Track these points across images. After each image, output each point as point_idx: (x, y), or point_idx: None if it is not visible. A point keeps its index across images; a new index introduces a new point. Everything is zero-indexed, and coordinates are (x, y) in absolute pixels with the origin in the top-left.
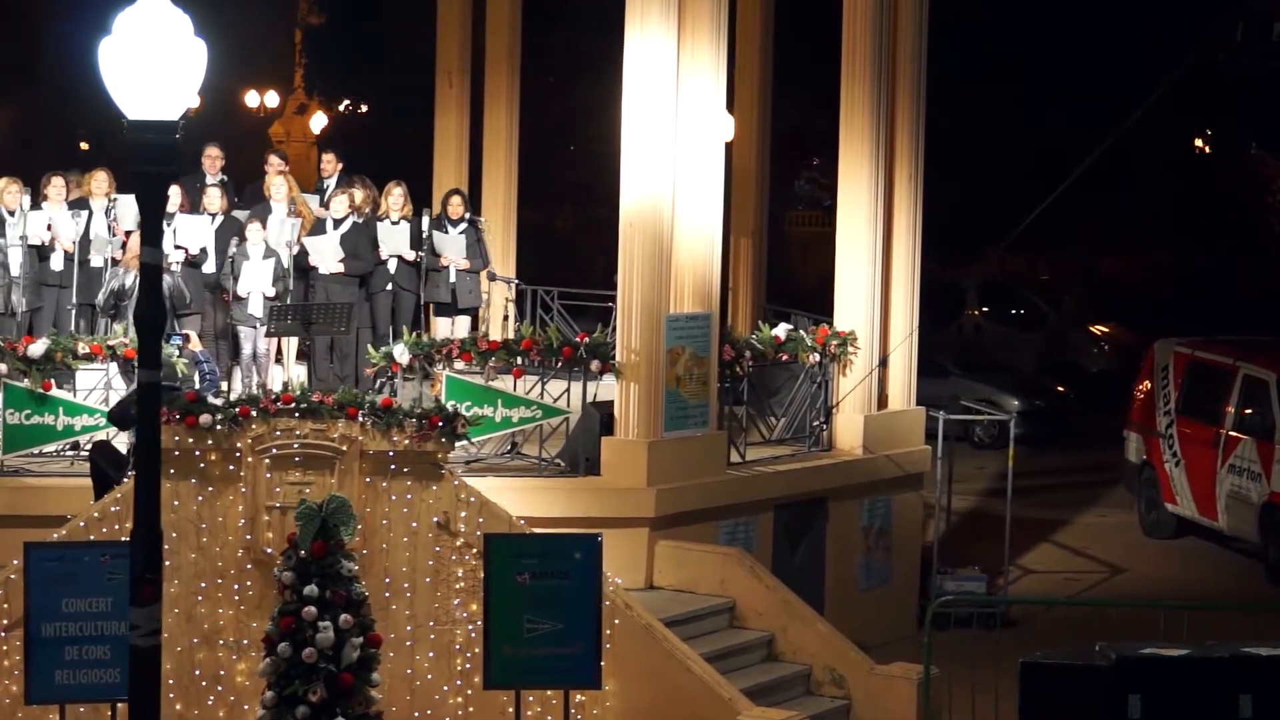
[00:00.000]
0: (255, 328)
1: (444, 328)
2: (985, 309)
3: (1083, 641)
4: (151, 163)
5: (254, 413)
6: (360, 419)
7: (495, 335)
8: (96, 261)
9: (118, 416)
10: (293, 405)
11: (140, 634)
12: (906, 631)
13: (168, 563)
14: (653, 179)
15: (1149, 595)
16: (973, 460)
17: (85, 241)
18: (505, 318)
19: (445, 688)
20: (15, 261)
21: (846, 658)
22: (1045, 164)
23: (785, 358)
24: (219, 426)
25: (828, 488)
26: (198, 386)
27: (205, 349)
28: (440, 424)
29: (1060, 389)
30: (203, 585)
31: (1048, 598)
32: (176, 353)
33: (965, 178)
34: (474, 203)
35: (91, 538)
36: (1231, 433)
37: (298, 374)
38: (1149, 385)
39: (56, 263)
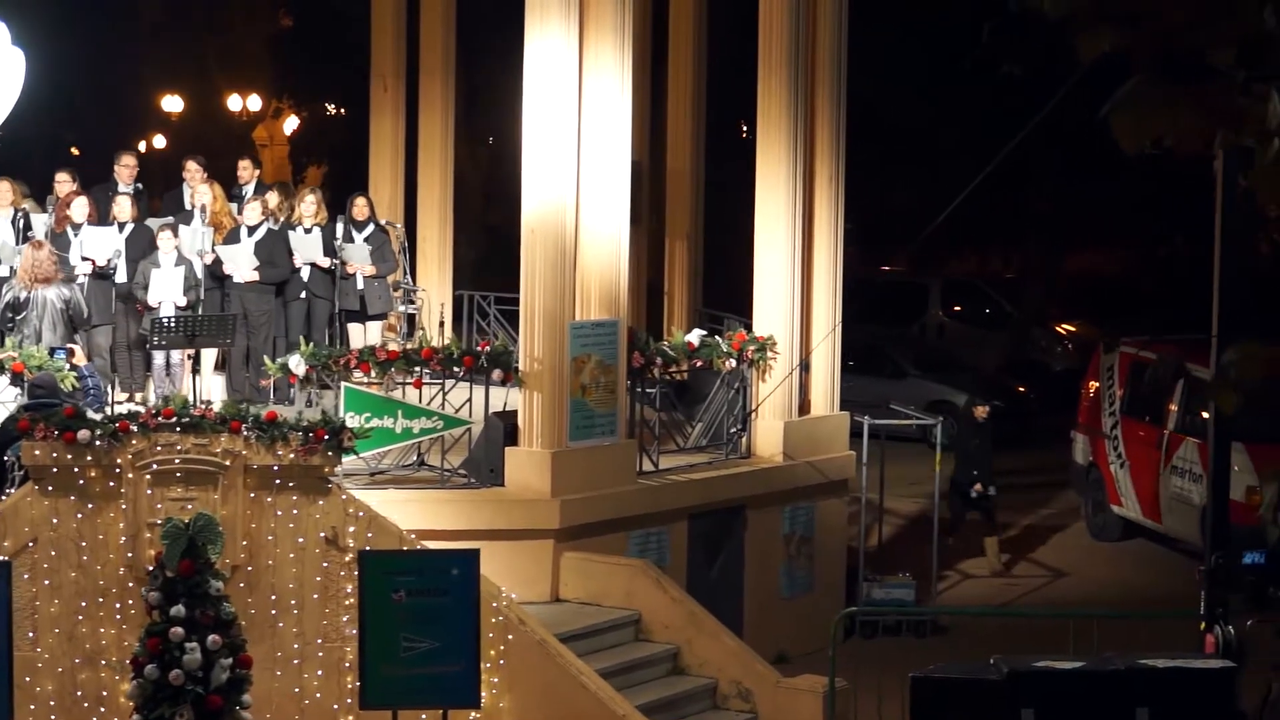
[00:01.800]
0: None
1: (356, 335)
2: (949, 308)
3: (1013, 649)
4: None
5: (134, 428)
6: (244, 433)
7: (435, 343)
8: (3, 272)
9: None
10: (174, 420)
11: None
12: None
13: (47, 581)
14: (554, 184)
15: (1089, 599)
16: (932, 461)
17: None
18: (441, 324)
19: (335, 706)
20: None
21: (753, 671)
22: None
23: (699, 364)
24: (98, 442)
25: (745, 495)
26: (85, 400)
27: (92, 362)
28: (326, 437)
29: (1020, 389)
30: (84, 604)
31: (945, 607)
32: (66, 367)
33: (916, 175)
34: (410, 207)
35: None
36: (1174, 433)
37: (215, 384)
38: (1096, 385)
39: None
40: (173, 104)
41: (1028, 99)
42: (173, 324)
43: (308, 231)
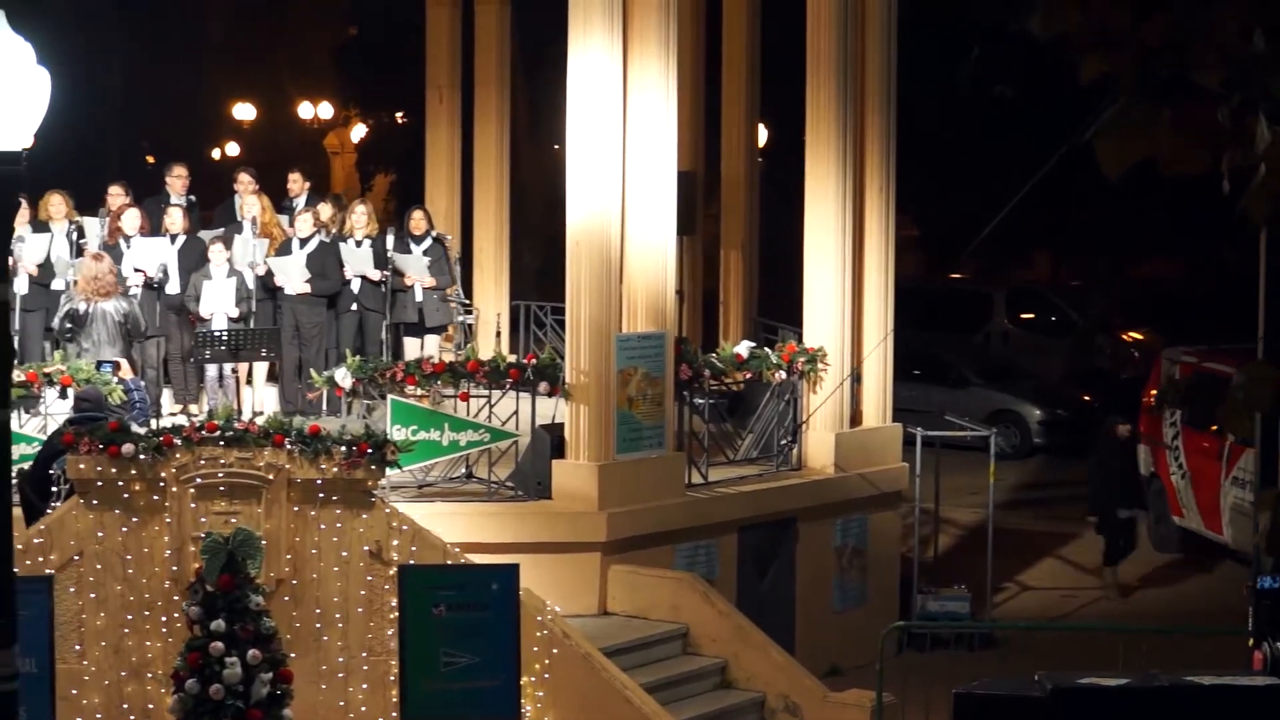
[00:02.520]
0: None
1: (412, 348)
2: (1014, 317)
3: (1066, 664)
4: None
5: (178, 441)
6: (287, 446)
7: (486, 354)
8: (59, 285)
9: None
10: (218, 433)
11: None
12: (887, 653)
13: (93, 594)
14: (599, 196)
15: (1147, 612)
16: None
17: (48, 265)
18: (497, 334)
19: None
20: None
21: (801, 685)
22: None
23: (748, 376)
24: (142, 456)
25: (796, 508)
26: (131, 414)
27: (144, 374)
28: (369, 451)
29: (1085, 397)
30: (129, 617)
31: (992, 622)
32: (114, 380)
33: (982, 181)
34: (466, 218)
35: (15, 570)
36: (1235, 444)
37: (268, 396)
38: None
39: (20, 286)
40: (244, 112)
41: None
42: (217, 338)
43: (358, 244)
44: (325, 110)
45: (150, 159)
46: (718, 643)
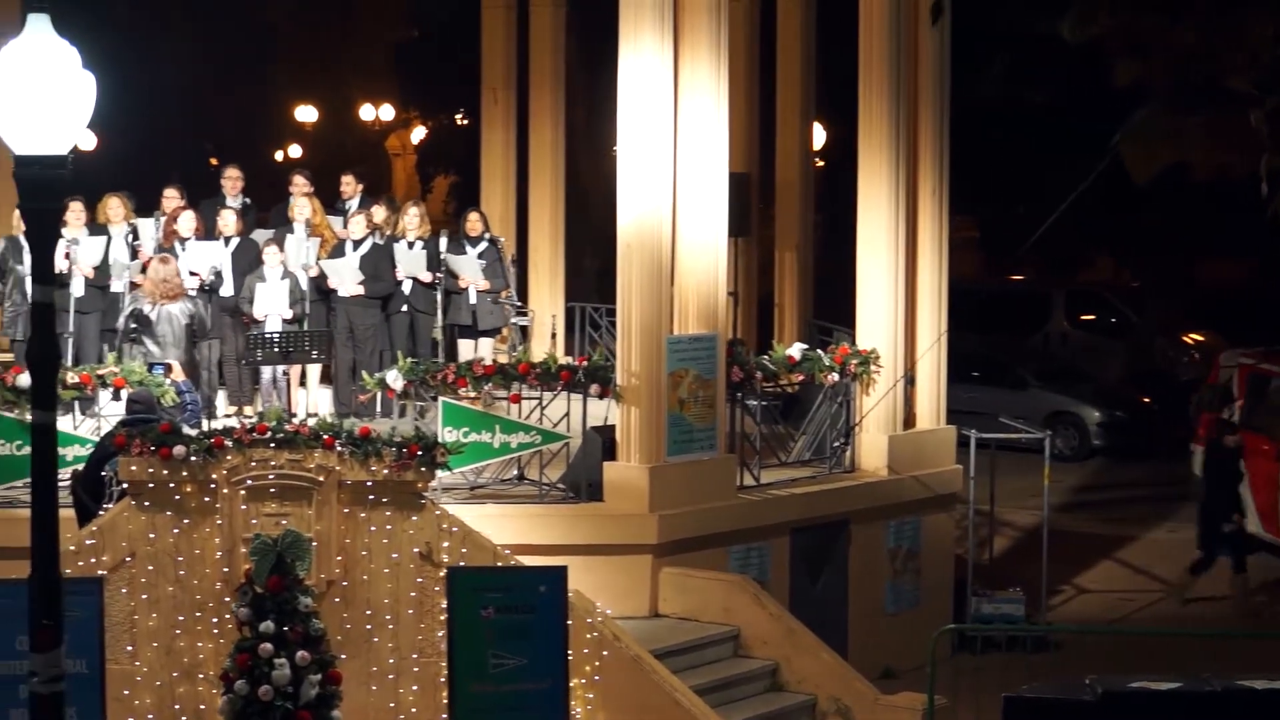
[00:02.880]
0: None
1: (466, 350)
2: (1074, 318)
3: (1121, 668)
4: (38, 198)
5: (229, 443)
6: (338, 448)
7: (540, 356)
8: (117, 287)
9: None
10: (268, 435)
11: (40, 681)
12: (941, 655)
13: (145, 595)
14: (650, 199)
15: (1204, 615)
16: (1051, 473)
17: (105, 267)
18: (553, 336)
19: None
20: (33, 289)
21: (852, 688)
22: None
23: (800, 378)
24: (193, 458)
25: (849, 510)
26: (183, 416)
27: (189, 378)
28: (420, 453)
29: (1145, 400)
30: (181, 618)
31: (1043, 625)
32: (166, 382)
33: (1042, 182)
34: (521, 219)
35: (68, 571)
36: None
37: (322, 398)
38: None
39: (77, 289)
40: (306, 114)
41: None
42: (269, 339)
43: (410, 246)
44: (386, 112)
45: (213, 161)
46: (769, 645)
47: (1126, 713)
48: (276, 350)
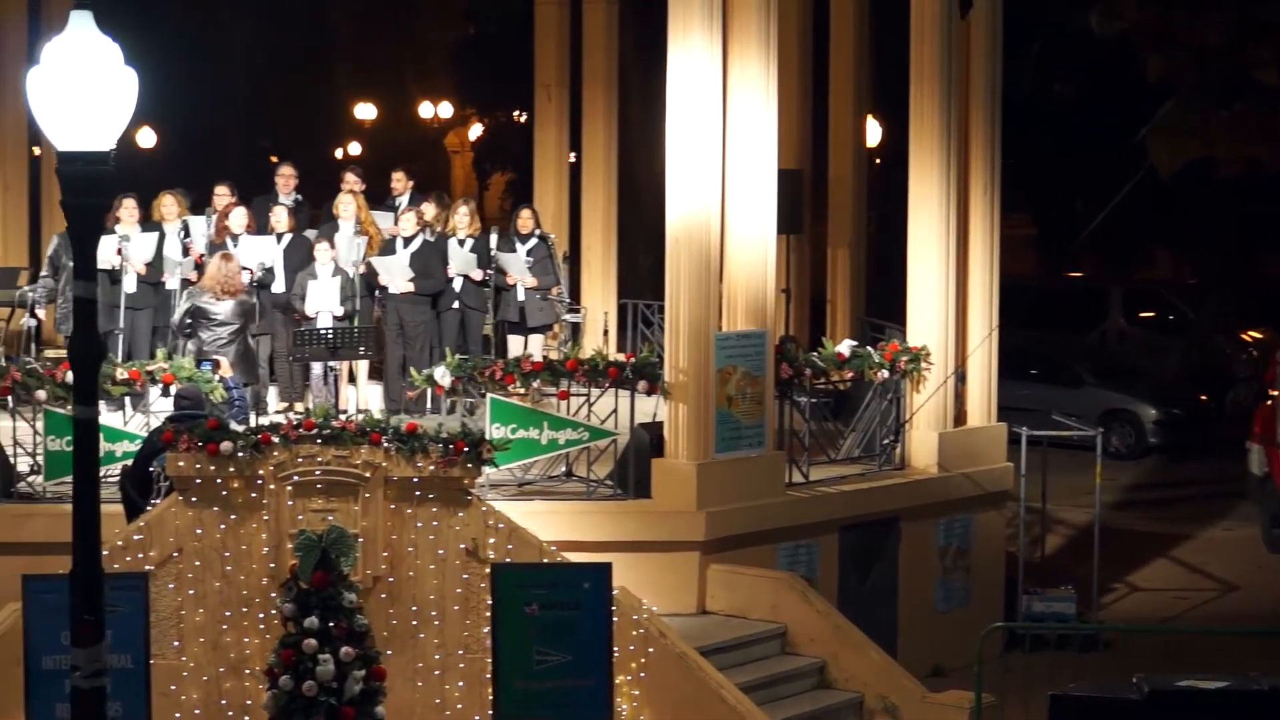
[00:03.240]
0: None
1: (516, 347)
2: (1131, 315)
3: (1174, 666)
4: (81, 194)
5: (275, 439)
6: (384, 445)
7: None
8: (171, 284)
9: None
10: (314, 431)
11: (82, 675)
12: (991, 654)
13: (192, 591)
14: (698, 195)
15: (1259, 614)
16: (1107, 471)
17: (157, 264)
18: (605, 333)
19: (476, 717)
20: (97, 285)
21: (900, 685)
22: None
23: (850, 375)
24: (240, 454)
25: (898, 507)
26: (230, 412)
27: (234, 374)
28: (466, 449)
29: (1202, 397)
30: (228, 614)
31: (1093, 624)
32: (216, 378)
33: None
34: (574, 216)
35: (115, 567)
36: None
37: (373, 394)
38: (1276, 394)
39: (129, 285)
40: (366, 111)
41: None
42: (317, 335)
43: (461, 243)
44: (445, 110)
45: (273, 159)
46: (816, 642)
47: (1173, 711)
48: (324, 346)
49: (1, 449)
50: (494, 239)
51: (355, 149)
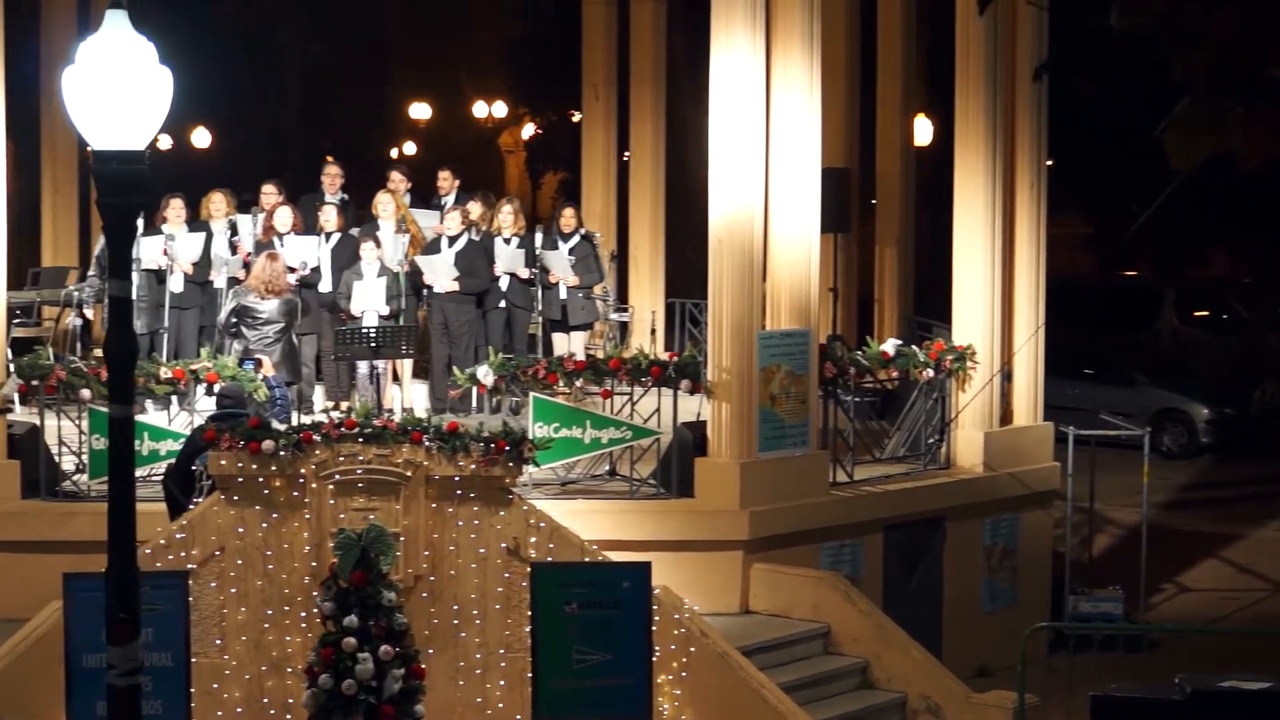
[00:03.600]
0: None
1: (560, 345)
2: (1185, 315)
3: (1220, 667)
4: (116, 193)
5: (317, 438)
6: (425, 443)
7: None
8: (218, 282)
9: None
10: (356, 430)
11: (117, 674)
12: (1036, 654)
13: (234, 589)
14: (741, 194)
15: None
16: (1158, 471)
17: (205, 263)
18: (652, 332)
19: (518, 717)
20: (134, 284)
21: (942, 685)
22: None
23: (895, 374)
24: (282, 452)
25: (944, 507)
26: (272, 411)
27: (277, 373)
28: (507, 448)
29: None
30: (269, 612)
31: (1143, 624)
32: (259, 378)
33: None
34: (622, 215)
35: (158, 565)
36: None
37: (419, 393)
38: None
39: (176, 285)
40: (421, 111)
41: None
42: (357, 334)
43: (507, 241)
44: (499, 109)
45: (329, 158)
46: (859, 642)
47: (1215, 712)
48: (366, 345)
49: (47, 448)
50: (538, 238)
51: (410, 148)
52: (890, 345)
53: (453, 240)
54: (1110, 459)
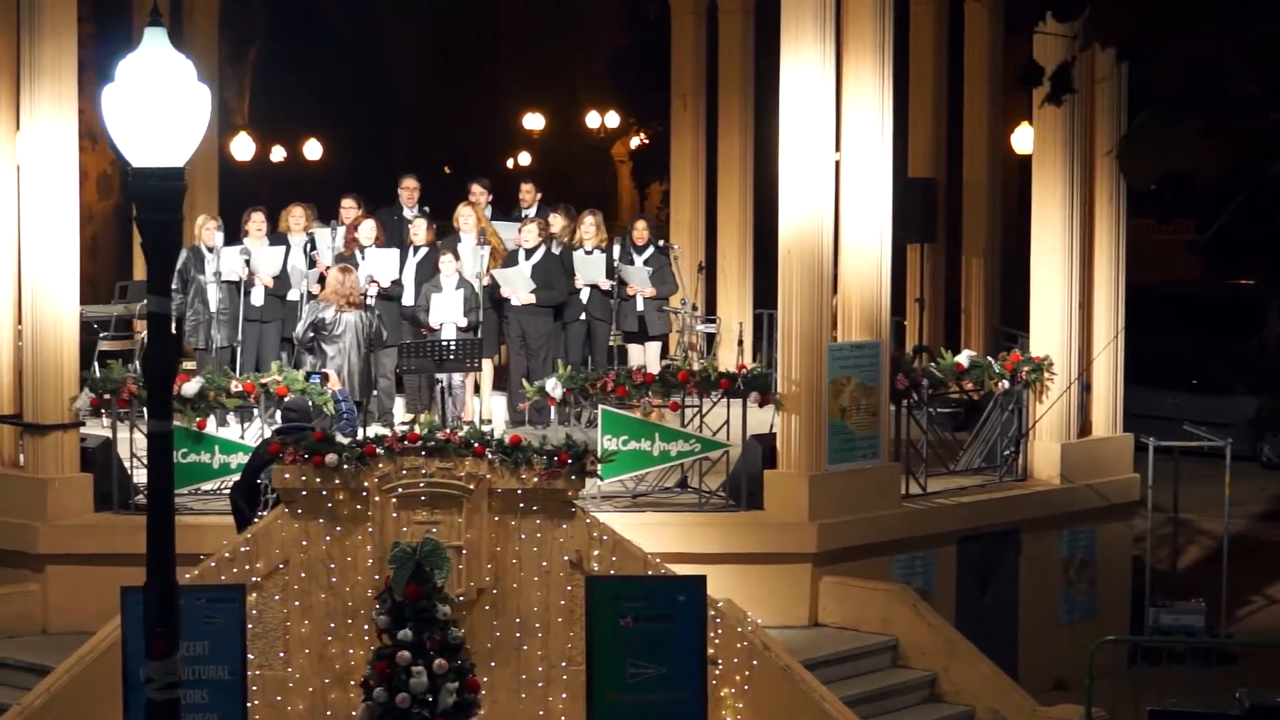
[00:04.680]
0: None
1: (636, 356)
2: None
3: None
4: (156, 210)
5: (380, 451)
6: (488, 457)
7: (728, 364)
8: (294, 296)
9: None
10: (419, 444)
11: (155, 687)
12: (1115, 667)
13: (298, 602)
14: (811, 206)
15: None
16: (1259, 481)
17: (285, 276)
18: (740, 343)
19: None
20: (214, 298)
21: (1010, 699)
22: None
23: (969, 385)
24: (345, 466)
25: (1019, 519)
26: (338, 425)
27: (343, 387)
28: (569, 461)
29: None
30: (333, 625)
31: (1225, 638)
32: (328, 392)
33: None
34: (710, 225)
35: (222, 578)
36: None
37: (498, 405)
38: None
39: (257, 298)
40: (534, 122)
41: None
42: (422, 348)
43: (588, 253)
44: (612, 119)
45: (447, 169)
46: (927, 655)
47: None
48: (430, 359)
49: (120, 461)
50: (615, 250)
51: (525, 159)
52: (964, 357)
53: (530, 253)
54: (1206, 469)
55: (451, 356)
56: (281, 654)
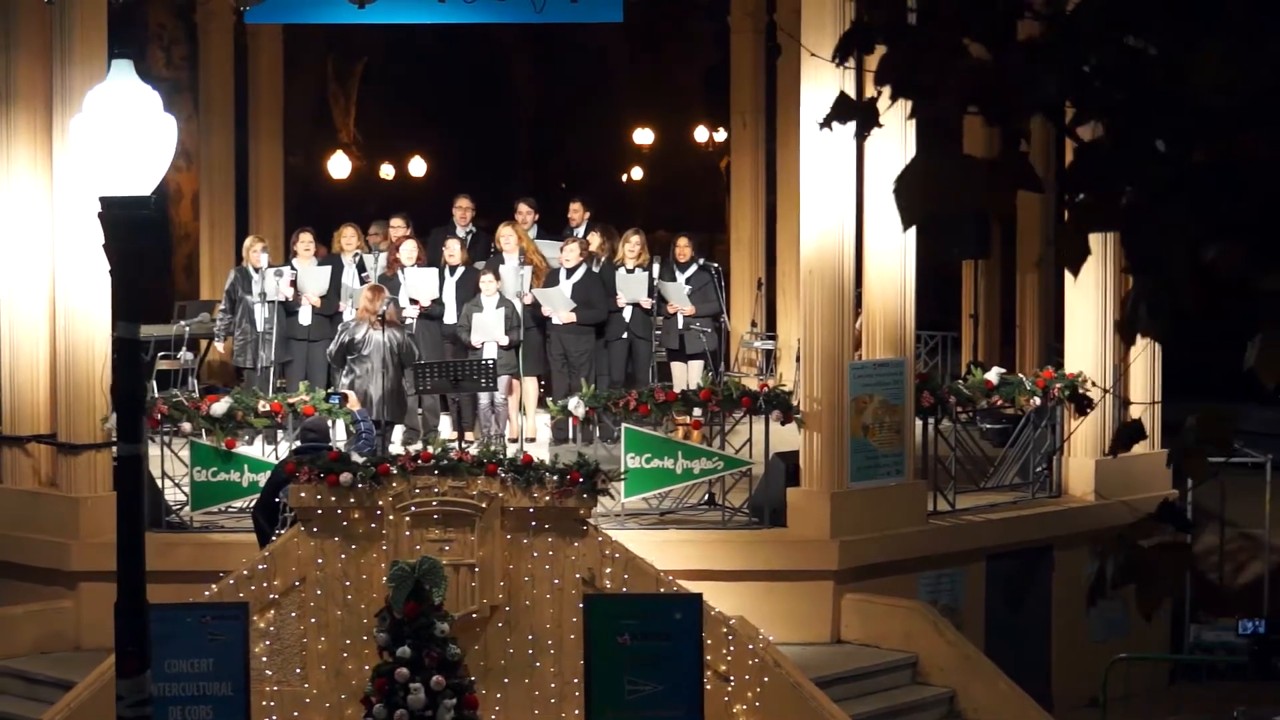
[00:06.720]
0: None
1: (678, 374)
2: None
3: None
4: (122, 238)
5: (394, 470)
6: (500, 475)
7: (789, 380)
8: (347, 315)
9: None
10: (432, 463)
11: (126, 705)
12: (1154, 684)
13: (314, 619)
14: (832, 224)
15: None
16: None
17: (333, 295)
18: (797, 359)
19: None
20: (261, 317)
21: (1027, 716)
22: None
23: (1000, 402)
24: (360, 485)
25: (1051, 536)
26: (356, 445)
27: (361, 407)
28: (581, 480)
29: None
30: (349, 642)
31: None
32: (352, 415)
33: None
34: (770, 243)
35: (240, 595)
36: None
37: (541, 423)
38: None
39: (304, 317)
40: (644, 137)
41: None
42: (436, 369)
43: (630, 272)
44: (721, 134)
45: (562, 185)
46: (946, 672)
47: None
48: (446, 379)
49: (152, 479)
50: (656, 268)
51: (638, 174)
52: (994, 374)
53: (570, 272)
54: (1223, 485)
55: (464, 376)
56: (298, 670)
